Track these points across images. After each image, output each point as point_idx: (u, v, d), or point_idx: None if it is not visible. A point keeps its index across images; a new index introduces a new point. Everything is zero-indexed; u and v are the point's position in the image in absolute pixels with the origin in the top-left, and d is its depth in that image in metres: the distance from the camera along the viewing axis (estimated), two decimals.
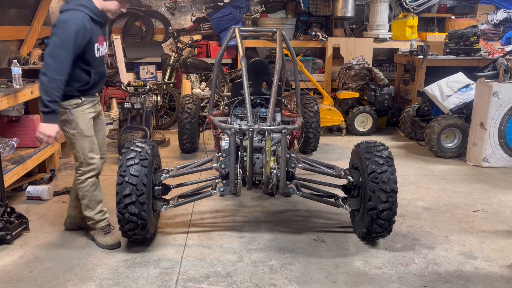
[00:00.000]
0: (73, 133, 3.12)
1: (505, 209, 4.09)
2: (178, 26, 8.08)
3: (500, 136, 5.20)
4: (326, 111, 6.40)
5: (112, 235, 3.31)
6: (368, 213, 3.16)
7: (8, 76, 4.10)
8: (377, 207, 3.11)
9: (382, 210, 3.11)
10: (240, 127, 3.11)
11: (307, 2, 7.85)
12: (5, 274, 2.93)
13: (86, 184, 3.21)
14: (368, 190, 3.14)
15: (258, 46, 7.87)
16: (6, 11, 5.34)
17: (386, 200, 3.10)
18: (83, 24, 2.88)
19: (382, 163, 3.15)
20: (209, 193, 3.38)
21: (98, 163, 3.24)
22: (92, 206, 3.27)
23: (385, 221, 3.15)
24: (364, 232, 3.28)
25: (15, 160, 4.05)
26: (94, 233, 3.35)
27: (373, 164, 3.15)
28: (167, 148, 5.92)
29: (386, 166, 3.14)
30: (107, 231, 3.32)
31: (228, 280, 2.88)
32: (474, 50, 6.75)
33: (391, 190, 3.11)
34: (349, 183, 3.38)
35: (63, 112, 3.05)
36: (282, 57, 3.75)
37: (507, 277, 2.96)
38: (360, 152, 3.31)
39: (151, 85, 5.61)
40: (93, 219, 3.30)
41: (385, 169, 3.12)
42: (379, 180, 3.10)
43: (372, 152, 3.23)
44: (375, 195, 3.11)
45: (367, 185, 3.15)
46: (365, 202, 3.20)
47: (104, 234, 3.31)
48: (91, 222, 3.32)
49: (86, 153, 3.16)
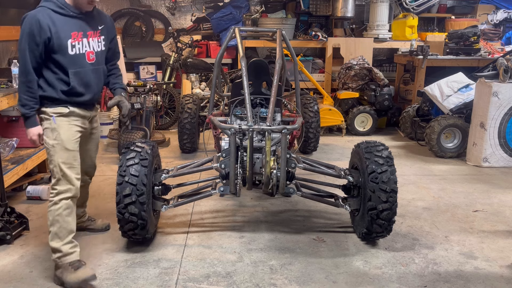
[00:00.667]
0: (52, 143, 2.78)
1: (505, 209, 4.09)
2: (178, 26, 8.09)
3: (500, 136, 5.20)
4: (326, 111, 6.40)
5: (84, 269, 2.76)
6: (368, 213, 3.16)
7: (8, 76, 4.10)
8: (377, 207, 3.11)
9: (382, 210, 3.11)
10: (240, 127, 3.11)
11: (307, 2, 7.85)
12: (5, 274, 2.93)
13: (59, 206, 2.76)
14: (368, 190, 3.14)
15: (258, 46, 7.87)
16: (6, 11, 5.35)
17: (386, 200, 3.10)
18: (37, 22, 2.63)
19: (382, 163, 3.15)
20: (209, 193, 3.38)
21: (76, 185, 2.82)
22: (62, 235, 2.78)
23: (385, 221, 3.15)
24: (364, 232, 3.28)
25: (15, 160, 4.05)
26: (61, 272, 2.77)
27: (373, 164, 3.15)
28: (167, 148, 5.92)
29: (386, 166, 3.14)
30: (77, 266, 2.76)
31: (228, 280, 2.88)
32: (474, 50, 6.75)
33: (391, 190, 3.11)
34: (349, 183, 3.38)
35: (47, 119, 2.81)
36: (282, 57, 3.75)
37: (507, 277, 2.96)
38: (360, 152, 3.31)
39: (151, 85, 5.61)
40: (60, 250, 2.77)
41: (385, 169, 3.12)
42: (379, 180, 3.10)
43: (372, 152, 3.22)
44: (375, 195, 3.11)
45: (367, 185, 3.15)
46: (365, 202, 3.20)
47: (74, 270, 2.73)
48: (58, 256, 2.78)
49: (64, 169, 2.77)
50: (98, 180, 4.69)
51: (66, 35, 2.73)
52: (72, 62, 2.78)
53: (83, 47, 2.82)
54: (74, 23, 2.78)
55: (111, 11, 7.98)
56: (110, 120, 6.28)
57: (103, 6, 8.02)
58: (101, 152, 5.74)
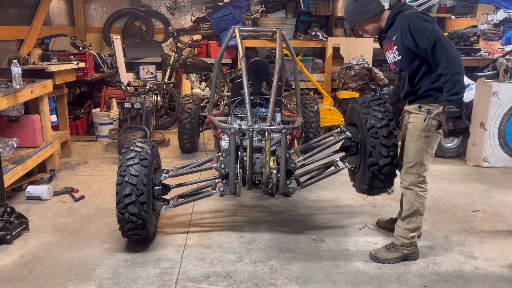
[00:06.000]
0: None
1: (505, 209, 4.09)
2: (178, 26, 8.09)
3: (500, 136, 5.20)
4: (326, 111, 6.39)
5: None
6: (369, 169, 3.10)
7: (8, 76, 4.10)
8: (379, 163, 3.06)
9: (383, 165, 3.06)
10: (240, 127, 3.11)
11: (307, 2, 7.84)
12: (5, 274, 2.93)
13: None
14: (368, 145, 3.08)
15: (258, 46, 7.87)
16: (6, 11, 5.34)
17: (387, 155, 3.05)
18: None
19: (381, 117, 3.08)
20: (209, 193, 3.37)
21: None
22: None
23: (386, 176, 3.11)
24: (366, 188, 3.23)
25: (15, 160, 4.05)
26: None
27: (372, 119, 3.09)
28: (167, 148, 5.92)
29: (386, 120, 3.08)
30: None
31: (228, 280, 2.88)
32: (474, 50, 6.75)
33: (391, 144, 3.06)
34: (347, 141, 3.34)
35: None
36: (282, 57, 3.75)
37: (507, 277, 2.96)
38: (357, 108, 3.25)
39: (151, 85, 5.61)
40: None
41: (385, 123, 3.06)
42: (379, 135, 3.05)
43: (370, 106, 3.16)
44: (375, 150, 3.05)
45: (367, 140, 3.09)
46: (365, 158, 3.15)
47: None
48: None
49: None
50: (98, 180, 4.69)
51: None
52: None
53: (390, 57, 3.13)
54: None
55: (111, 11, 7.98)
56: (110, 120, 6.28)
57: (102, 6, 8.03)
58: (101, 152, 5.75)
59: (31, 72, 4.68)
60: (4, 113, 4.37)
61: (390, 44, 3.02)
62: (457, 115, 2.74)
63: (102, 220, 3.73)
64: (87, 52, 6.28)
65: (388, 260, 3.10)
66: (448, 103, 2.74)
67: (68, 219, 3.76)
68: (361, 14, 3.04)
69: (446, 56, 2.73)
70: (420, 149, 2.98)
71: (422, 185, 3.06)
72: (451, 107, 2.73)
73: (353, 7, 3.05)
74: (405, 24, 2.87)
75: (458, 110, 2.73)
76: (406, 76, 2.98)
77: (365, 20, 3.06)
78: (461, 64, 2.75)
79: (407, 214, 3.09)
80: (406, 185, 3.07)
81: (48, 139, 4.69)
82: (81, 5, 7.86)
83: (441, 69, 2.76)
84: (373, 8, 3.02)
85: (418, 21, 2.84)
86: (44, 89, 4.49)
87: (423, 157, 2.99)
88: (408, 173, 3.04)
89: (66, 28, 7.52)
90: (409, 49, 2.89)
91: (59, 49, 6.05)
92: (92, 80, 6.39)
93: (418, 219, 3.10)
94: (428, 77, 2.92)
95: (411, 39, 2.85)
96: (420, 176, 3.03)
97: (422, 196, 3.06)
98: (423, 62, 2.90)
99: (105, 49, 7.72)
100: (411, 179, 3.04)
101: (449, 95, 2.74)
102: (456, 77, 2.72)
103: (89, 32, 8.03)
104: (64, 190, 4.31)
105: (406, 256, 3.12)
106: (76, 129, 6.35)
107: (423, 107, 2.96)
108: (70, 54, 5.82)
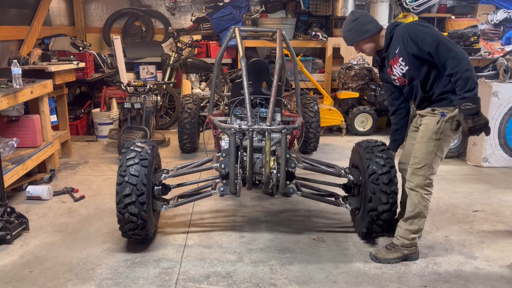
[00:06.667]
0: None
1: (505, 209, 4.09)
2: (178, 26, 8.09)
3: (500, 136, 5.20)
4: (326, 111, 6.40)
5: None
6: (369, 214, 3.16)
7: (8, 76, 4.10)
8: (378, 209, 3.11)
9: (382, 211, 3.11)
10: (240, 127, 3.11)
11: (307, 2, 7.84)
12: (5, 274, 2.93)
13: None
14: (369, 191, 3.13)
15: (258, 46, 7.87)
16: (6, 11, 5.34)
17: (387, 202, 3.10)
18: None
19: (383, 164, 3.14)
20: (209, 193, 3.37)
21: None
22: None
23: (385, 222, 3.15)
24: (364, 231, 3.29)
25: (15, 160, 4.05)
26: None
27: (374, 165, 3.14)
28: (167, 148, 5.92)
29: (387, 167, 3.13)
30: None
31: (228, 280, 2.88)
32: (474, 50, 6.75)
33: (391, 191, 3.10)
34: (350, 182, 3.38)
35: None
36: (282, 57, 3.75)
37: (507, 277, 2.96)
38: (360, 152, 3.31)
39: (151, 85, 5.61)
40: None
41: (386, 170, 3.12)
42: (379, 181, 3.10)
43: (373, 152, 3.22)
44: (375, 196, 3.11)
45: (368, 186, 3.15)
46: (365, 203, 3.20)
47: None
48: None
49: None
50: (98, 180, 4.69)
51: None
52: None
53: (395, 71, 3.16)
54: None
55: (111, 11, 7.99)
56: (110, 120, 6.28)
57: (102, 6, 8.04)
58: (101, 152, 5.75)
59: (31, 72, 4.68)
60: (4, 113, 4.37)
61: (395, 58, 3.02)
62: (475, 111, 2.69)
63: (102, 220, 3.73)
64: (87, 52, 6.28)
65: (388, 260, 3.10)
66: (464, 100, 2.71)
67: (68, 219, 3.76)
68: (359, 34, 3.06)
69: (451, 56, 2.73)
70: (430, 151, 2.96)
71: (428, 188, 3.04)
72: (467, 104, 2.69)
73: (351, 26, 3.07)
74: (405, 33, 2.90)
75: (475, 106, 2.69)
76: (418, 84, 2.98)
77: (363, 40, 3.08)
78: (468, 61, 2.74)
79: (410, 215, 3.09)
80: (412, 187, 3.05)
81: (48, 139, 4.69)
82: (81, 5, 7.86)
83: (449, 69, 2.76)
84: (371, 28, 3.05)
85: (416, 28, 2.88)
86: (44, 89, 4.49)
87: (432, 160, 2.97)
88: (415, 174, 3.03)
89: (66, 28, 7.52)
90: (415, 56, 2.90)
91: (59, 49, 6.05)
92: (92, 80, 6.39)
93: (420, 221, 3.09)
94: (440, 81, 2.92)
95: (413, 45, 2.86)
96: (427, 179, 3.01)
97: (426, 199, 3.04)
98: (431, 67, 2.91)
99: (105, 49, 7.72)
100: (417, 180, 3.02)
101: (463, 93, 2.72)
102: (466, 74, 2.70)
103: (89, 32, 8.03)
104: (64, 190, 4.31)
105: (406, 256, 3.13)
106: (76, 129, 6.35)
107: (437, 110, 2.96)
108: (70, 54, 5.82)
